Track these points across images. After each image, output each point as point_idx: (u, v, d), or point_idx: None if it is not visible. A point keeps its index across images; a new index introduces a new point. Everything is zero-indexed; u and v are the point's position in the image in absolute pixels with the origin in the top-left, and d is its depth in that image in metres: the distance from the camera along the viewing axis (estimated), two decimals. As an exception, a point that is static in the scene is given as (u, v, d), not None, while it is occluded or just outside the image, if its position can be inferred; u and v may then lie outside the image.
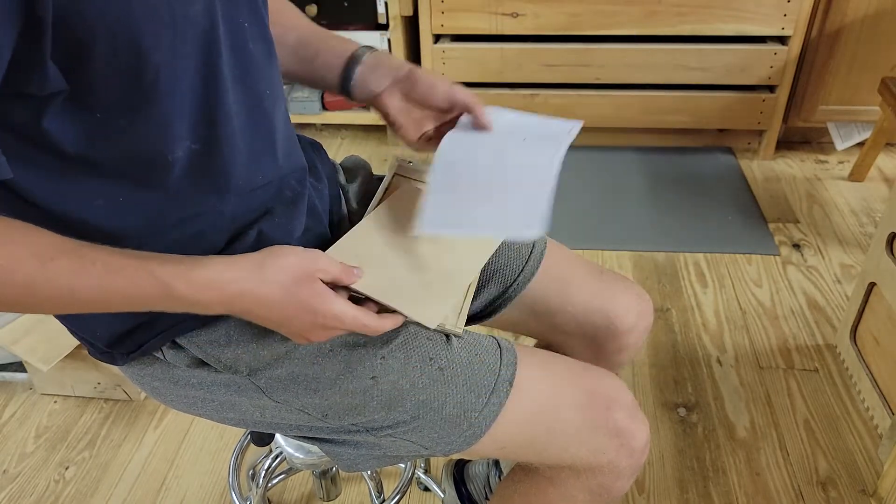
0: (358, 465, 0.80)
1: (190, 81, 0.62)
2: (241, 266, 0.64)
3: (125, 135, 0.61)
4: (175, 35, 0.59)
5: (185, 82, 0.62)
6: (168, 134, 0.63)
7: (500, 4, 2.22)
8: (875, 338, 1.48)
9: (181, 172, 0.66)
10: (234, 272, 0.63)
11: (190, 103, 0.63)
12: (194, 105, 0.64)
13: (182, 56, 0.60)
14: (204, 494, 1.38)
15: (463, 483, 1.21)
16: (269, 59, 0.72)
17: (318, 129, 2.66)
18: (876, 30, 2.12)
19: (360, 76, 0.82)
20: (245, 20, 0.67)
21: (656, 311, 1.78)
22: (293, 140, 0.80)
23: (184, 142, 0.65)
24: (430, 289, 0.72)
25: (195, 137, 0.65)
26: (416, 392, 0.73)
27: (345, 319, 0.66)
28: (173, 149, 0.64)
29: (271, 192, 0.75)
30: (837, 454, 1.41)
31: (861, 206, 2.16)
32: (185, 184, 0.67)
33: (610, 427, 0.78)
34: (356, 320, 0.67)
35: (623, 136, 2.50)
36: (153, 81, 0.59)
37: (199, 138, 0.65)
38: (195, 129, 0.65)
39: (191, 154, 0.66)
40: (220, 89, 0.65)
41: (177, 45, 0.59)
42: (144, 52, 0.57)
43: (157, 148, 0.63)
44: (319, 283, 0.66)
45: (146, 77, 0.58)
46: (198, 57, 0.62)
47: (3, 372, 1.62)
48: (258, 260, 0.65)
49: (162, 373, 0.77)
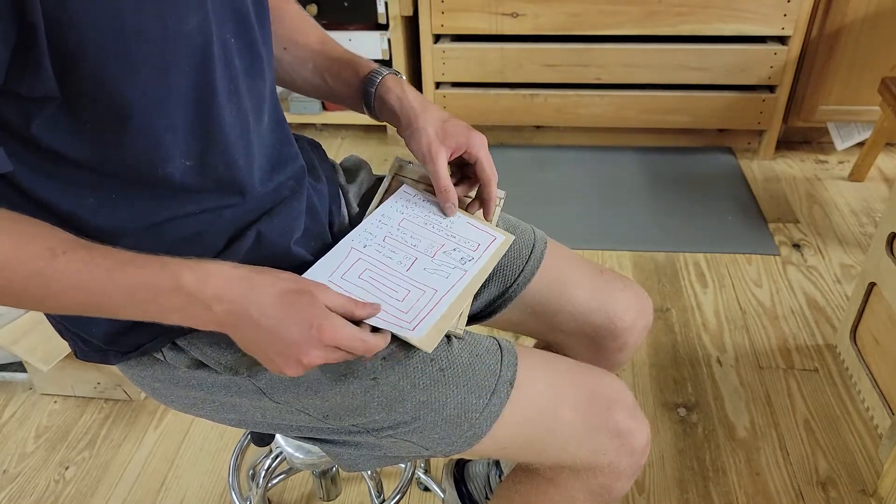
0: (358, 465, 0.80)
1: (183, 97, 0.62)
2: (245, 267, 0.64)
3: (116, 147, 0.62)
4: (165, 50, 0.59)
5: (177, 98, 0.62)
6: (159, 150, 0.63)
7: (500, 4, 2.22)
8: (875, 338, 1.48)
9: (174, 183, 0.66)
10: (238, 270, 0.63)
11: (183, 120, 0.63)
12: (187, 121, 0.64)
13: (174, 72, 0.60)
14: (204, 494, 1.38)
15: (463, 482, 1.21)
16: (254, 73, 0.71)
17: (318, 129, 2.66)
18: (876, 30, 2.12)
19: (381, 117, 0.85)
20: (231, 35, 0.67)
21: (656, 311, 1.78)
22: (289, 144, 0.80)
23: (176, 159, 0.65)
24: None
25: (188, 154, 0.65)
26: (417, 393, 0.73)
27: (343, 332, 0.63)
28: (165, 164, 0.64)
29: (269, 195, 0.75)
30: (837, 454, 1.41)
31: (861, 206, 2.16)
32: (179, 190, 0.67)
33: (610, 427, 0.78)
34: (353, 337, 0.64)
35: (623, 136, 2.50)
36: (141, 95, 0.59)
37: (192, 155, 0.65)
38: (189, 145, 0.65)
39: (184, 169, 0.66)
40: (216, 105, 0.65)
41: (167, 60, 0.59)
42: (132, 65, 0.57)
43: (149, 162, 0.63)
44: (317, 298, 0.64)
45: (134, 90, 0.58)
46: (192, 73, 0.62)
47: (3, 372, 1.62)
48: (259, 267, 0.65)
49: (162, 374, 0.76)
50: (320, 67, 0.86)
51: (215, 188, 0.69)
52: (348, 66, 0.85)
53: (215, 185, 0.69)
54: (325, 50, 0.87)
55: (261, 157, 0.74)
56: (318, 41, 0.87)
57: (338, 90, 0.86)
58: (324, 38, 0.88)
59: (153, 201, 0.67)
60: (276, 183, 0.76)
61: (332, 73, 0.86)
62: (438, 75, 2.37)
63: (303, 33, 0.87)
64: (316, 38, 0.87)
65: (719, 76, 2.27)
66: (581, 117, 2.40)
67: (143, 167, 0.64)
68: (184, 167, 0.66)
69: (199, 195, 0.69)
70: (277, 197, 0.76)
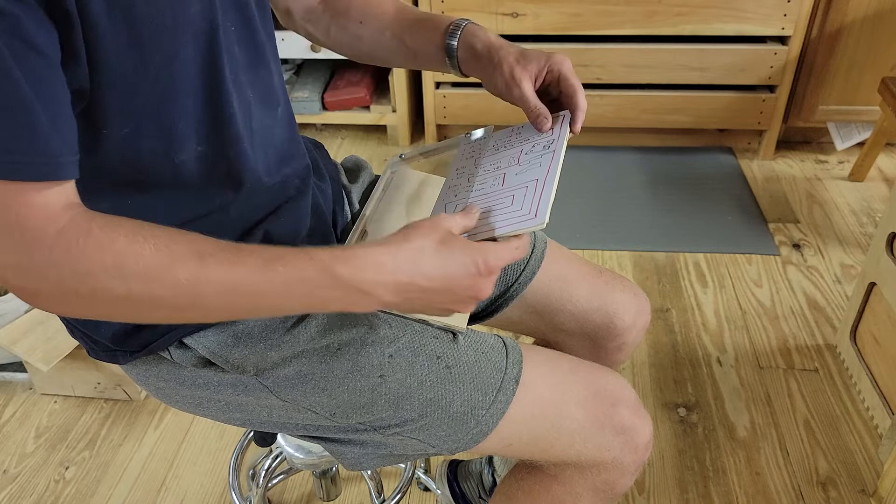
0: (362, 463, 0.80)
1: (192, 82, 0.63)
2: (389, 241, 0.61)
3: (130, 143, 0.62)
4: (175, 36, 0.59)
5: (187, 83, 0.62)
6: (174, 136, 0.63)
7: (500, 4, 2.22)
8: (875, 338, 1.48)
9: (187, 175, 0.66)
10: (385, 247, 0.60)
11: (194, 104, 0.64)
12: (198, 106, 0.64)
13: (183, 57, 0.61)
14: (204, 494, 1.38)
15: (456, 482, 1.21)
16: (256, 63, 0.71)
17: (318, 129, 2.66)
18: (876, 30, 2.12)
19: (464, 68, 0.82)
20: (232, 24, 0.67)
21: (656, 311, 1.78)
22: (296, 140, 0.80)
23: (189, 143, 0.65)
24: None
25: (200, 139, 0.66)
26: (424, 390, 0.74)
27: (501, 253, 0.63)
28: (179, 151, 0.64)
29: (276, 191, 0.75)
30: (837, 454, 1.41)
31: (861, 206, 2.16)
32: (190, 186, 0.67)
33: (615, 424, 0.79)
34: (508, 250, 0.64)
35: (623, 136, 2.50)
36: (154, 83, 0.59)
37: (204, 140, 0.66)
38: (200, 130, 0.65)
39: (196, 156, 0.66)
40: (223, 90, 0.65)
41: (176, 46, 0.60)
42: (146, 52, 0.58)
43: (163, 151, 0.64)
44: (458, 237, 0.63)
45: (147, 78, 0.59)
46: (199, 58, 0.62)
47: (3, 372, 1.62)
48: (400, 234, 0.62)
49: (168, 373, 0.76)
50: (397, 32, 0.85)
51: (226, 177, 0.69)
52: (426, 23, 0.84)
53: (226, 174, 0.69)
54: (402, 15, 0.86)
55: (269, 148, 0.74)
56: (393, 9, 0.86)
57: (419, 49, 0.84)
58: (399, 4, 0.87)
59: (167, 207, 0.67)
60: (283, 176, 0.76)
61: (410, 34, 0.84)
62: (438, 75, 2.37)
63: (375, 5, 0.86)
64: (391, 6, 0.87)
65: (719, 76, 2.27)
66: (581, 117, 2.39)
67: (159, 158, 0.64)
68: (197, 154, 0.66)
69: (209, 189, 0.69)
70: (284, 195, 0.76)
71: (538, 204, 0.68)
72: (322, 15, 0.87)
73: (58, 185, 0.54)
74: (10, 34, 0.49)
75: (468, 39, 0.81)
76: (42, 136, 0.52)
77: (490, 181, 0.76)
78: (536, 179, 0.72)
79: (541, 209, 0.67)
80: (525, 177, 0.73)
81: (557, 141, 0.76)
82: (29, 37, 0.50)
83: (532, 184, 0.72)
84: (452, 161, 0.84)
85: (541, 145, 0.77)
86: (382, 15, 0.86)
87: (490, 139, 0.84)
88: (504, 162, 0.78)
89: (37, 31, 0.51)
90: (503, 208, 0.70)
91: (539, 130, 0.79)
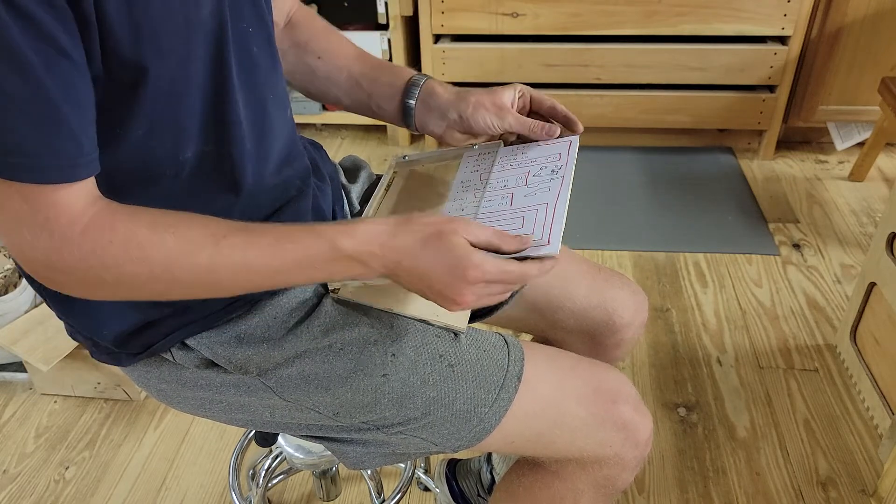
0: (364, 462, 0.80)
1: (201, 82, 0.63)
2: (392, 220, 0.66)
3: (142, 143, 0.62)
4: (188, 37, 0.60)
5: (195, 82, 0.63)
6: (182, 136, 0.64)
7: (500, 4, 2.22)
8: (875, 338, 1.48)
9: (191, 174, 0.67)
10: (383, 225, 0.65)
11: (201, 104, 0.64)
12: (205, 106, 0.65)
13: (193, 58, 0.62)
14: (204, 494, 1.38)
15: (455, 480, 1.21)
16: (273, 65, 0.73)
17: (318, 129, 2.66)
18: (876, 30, 2.12)
19: (419, 121, 0.85)
20: (249, 25, 0.68)
21: (657, 311, 1.78)
22: (297, 141, 0.81)
23: (195, 142, 0.65)
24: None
25: (205, 139, 0.66)
26: (427, 389, 0.74)
27: (486, 268, 0.64)
28: (184, 150, 0.65)
29: (278, 192, 0.76)
30: (837, 454, 1.41)
31: (861, 206, 2.16)
32: (194, 185, 0.68)
33: (616, 420, 0.79)
34: (498, 267, 0.64)
35: (623, 136, 2.50)
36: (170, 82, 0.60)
37: (209, 139, 0.66)
38: (205, 129, 0.66)
39: (201, 155, 0.66)
40: (230, 90, 0.66)
41: (189, 47, 0.61)
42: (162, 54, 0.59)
43: (171, 150, 0.64)
44: (459, 238, 0.64)
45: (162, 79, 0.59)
46: (207, 58, 0.63)
47: (3, 372, 1.62)
48: (406, 217, 0.66)
49: (169, 374, 0.77)
50: (356, 73, 0.87)
51: (229, 176, 0.70)
52: (388, 70, 0.86)
53: (229, 174, 0.69)
54: (362, 59, 0.88)
55: (273, 149, 0.74)
56: (353, 51, 0.89)
57: (377, 94, 0.86)
58: (358, 49, 0.89)
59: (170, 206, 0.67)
60: (284, 177, 0.76)
61: (370, 78, 0.86)
62: (438, 75, 2.37)
63: (336, 44, 0.88)
64: (351, 48, 0.89)
65: (719, 76, 2.27)
66: (581, 117, 2.34)
67: (167, 158, 0.65)
68: (202, 152, 0.67)
69: (212, 189, 0.69)
70: (285, 195, 0.76)
71: (550, 231, 0.69)
72: (282, 38, 0.88)
73: (80, 182, 0.56)
74: (40, 39, 0.51)
75: (430, 90, 0.83)
76: (70, 140, 0.54)
77: (498, 199, 0.77)
78: (546, 203, 0.73)
79: (553, 237, 0.68)
80: (534, 199, 0.74)
81: (566, 167, 0.77)
82: (58, 42, 0.52)
83: (542, 207, 0.72)
84: (457, 173, 0.85)
85: (549, 168, 0.78)
86: (342, 56, 0.87)
87: (496, 155, 0.84)
88: (511, 181, 0.79)
89: (65, 35, 0.52)
90: (514, 230, 0.71)
91: (551, 136, 0.82)
